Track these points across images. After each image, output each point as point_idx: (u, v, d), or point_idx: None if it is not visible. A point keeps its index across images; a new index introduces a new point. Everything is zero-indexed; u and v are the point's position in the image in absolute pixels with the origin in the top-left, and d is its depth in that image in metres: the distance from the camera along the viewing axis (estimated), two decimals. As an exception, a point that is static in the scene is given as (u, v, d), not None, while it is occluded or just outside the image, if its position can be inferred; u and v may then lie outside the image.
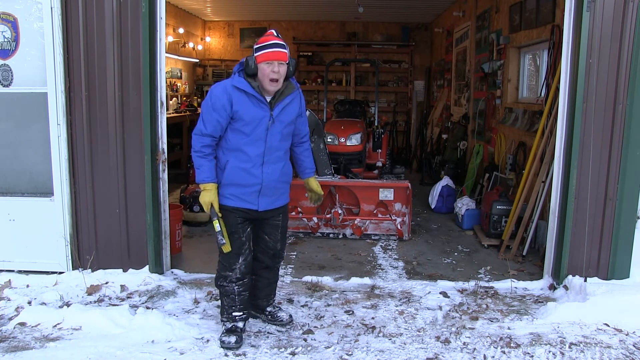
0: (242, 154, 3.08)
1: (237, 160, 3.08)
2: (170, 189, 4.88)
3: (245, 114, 3.01)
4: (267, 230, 3.31)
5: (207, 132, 3.05)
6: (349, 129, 6.64)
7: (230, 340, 3.14)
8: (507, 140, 6.24)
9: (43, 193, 4.20)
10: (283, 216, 3.34)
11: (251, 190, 3.11)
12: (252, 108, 3.02)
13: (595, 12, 3.73)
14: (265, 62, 2.96)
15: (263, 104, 3.04)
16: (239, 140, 3.06)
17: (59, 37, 3.94)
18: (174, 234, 4.67)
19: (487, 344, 3.20)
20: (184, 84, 10.52)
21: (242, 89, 3.01)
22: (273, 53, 2.96)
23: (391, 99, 11.67)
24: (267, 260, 3.37)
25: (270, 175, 3.13)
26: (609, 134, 3.84)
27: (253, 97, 3.02)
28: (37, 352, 3.04)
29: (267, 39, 3.01)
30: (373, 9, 9.28)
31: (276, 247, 3.36)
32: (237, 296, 3.22)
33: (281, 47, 2.99)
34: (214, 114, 3.02)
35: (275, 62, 2.96)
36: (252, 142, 3.06)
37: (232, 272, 3.19)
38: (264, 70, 2.96)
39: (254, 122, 3.03)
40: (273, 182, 3.16)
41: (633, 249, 3.94)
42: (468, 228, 5.77)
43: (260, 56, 2.97)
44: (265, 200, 3.17)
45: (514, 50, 6.33)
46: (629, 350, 3.14)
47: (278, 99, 3.09)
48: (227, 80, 3.10)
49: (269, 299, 3.50)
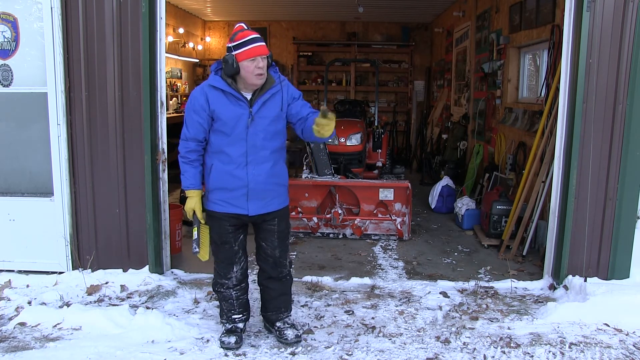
0: (224, 155, 2.97)
1: (220, 163, 2.98)
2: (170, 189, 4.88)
3: (222, 112, 2.92)
4: (262, 236, 3.15)
5: (190, 135, 2.98)
6: (349, 129, 6.64)
7: (230, 340, 3.13)
8: (507, 140, 6.24)
9: (43, 193, 4.20)
10: (279, 221, 3.14)
11: (238, 193, 2.99)
12: (230, 106, 2.93)
13: (595, 12, 3.73)
14: (248, 60, 2.84)
15: (241, 102, 2.94)
16: (221, 142, 2.97)
17: (59, 37, 3.94)
18: (174, 234, 4.67)
19: (487, 344, 3.20)
20: (184, 84, 10.52)
21: (218, 88, 2.93)
22: (254, 49, 2.85)
23: (391, 99, 11.67)
24: (269, 269, 3.20)
25: (256, 176, 2.98)
26: (609, 134, 3.84)
27: (230, 95, 2.93)
28: (37, 352, 3.04)
29: (243, 34, 2.88)
30: (373, 9, 9.28)
31: (275, 254, 3.16)
32: (236, 300, 3.19)
33: (260, 41, 2.89)
34: (195, 116, 2.95)
35: (259, 57, 2.85)
36: (233, 142, 2.95)
37: (229, 280, 3.14)
38: (248, 67, 2.85)
39: (232, 121, 2.92)
40: (260, 184, 3.00)
41: (633, 249, 3.94)
42: (468, 228, 5.78)
43: (241, 54, 2.85)
44: (255, 204, 3.02)
45: (514, 50, 6.33)
46: (629, 350, 3.14)
47: (258, 95, 2.96)
48: (205, 80, 3.03)
49: (279, 313, 3.27)
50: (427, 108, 11.23)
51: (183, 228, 5.11)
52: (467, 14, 8.28)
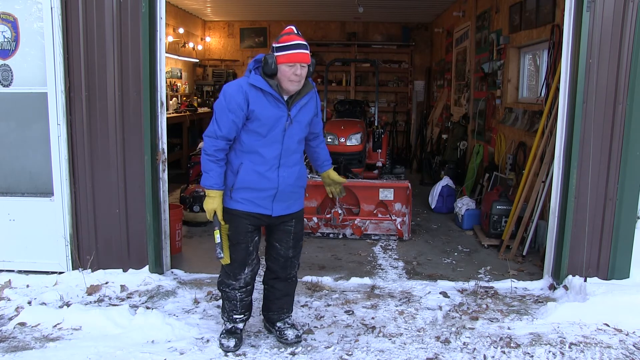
0: (257, 156, 2.91)
1: (252, 163, 2.92)
2: (170, 189, 4.88)
3: (262, 113, 2.84)
4: (278, 237, 3.12)
5: (221, 133, 2.86)
6: (349, 129, 6.63)
7: (229, 344, 3.10)
8: (507, 140, 6.24)
9: (43, 193, 4.20)
10: (296, 222, 3.14)
11: (266, 194, 2.96)
12: (270, 108, 2.86)
13: (595, 12, 3.73)
14: (287, 64, 2.80)
15: (281, 104, 2.89)
16: (255, 142, 2.90)
17: (59, 37, 3.94)
18: (174, 234, 4.67)
19: (487, 344, 3.20)
20: (184, 84, 10.52)
21: (259, 87, 2.84)
22: (296, 55, 2.80)
23: (391, 99, 11.67)
24: (278, 270, 3.17)
25: (286, 179, 2.97)
26: (609, 134, 3.84)
27: (270, 95, 2.86)
28: (37, 352, 3.04)
29: (289, 38, 2.83)
30: (373, 9, 9.28)
31: (287, 254, 3.14)
32: (239, 302, 3.13)
33: (304, 48, 2.82)
34: (230, 115, 2.84)
35: (298, 64, 2.80)
36: (268, 143, 2.90)
37: (237, 282, 3.07)
38: (285, 72, 2.81)
39: (271, 123, 2.87)
40: (289, 187, 3.00)
41: (633, 249, 3.94)
42: (468, 228, 5.78)
43: (282, 57, 2.80)
44: (279, 206, 3.01)
45: (514, 50, 6.33)
46: (629, 350, 3.14)
47: (295, 99, 2.93)
48: (242, 78, 2.92)
49: (281, 313, 3.27)
50: (427, 108, 11.23)
51: (183, 228, 5.11)
52: (467, 14, 8.28)
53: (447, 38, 9.74)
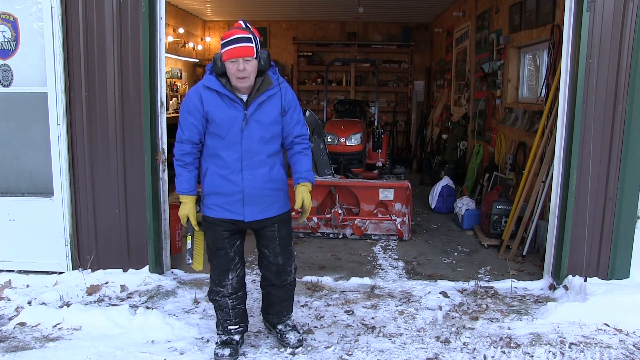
0: (219, 159, 2.85)
1: (216, 167, 2.87)
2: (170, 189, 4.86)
3: (216, 114, 2.79)
4: (264, 243, 3.03)
5: (185, 137, 2.85)
6: (349, 129, 6.64)
7: (223, 352, 2.99)
8: (507, 140, 6.24)
9: (43, 193, 4.21)
10: (280, 226, 3.01)
11: (234, 199, 2.87)
12: (224, 108, 2.80)
13: (595, 12, 3.73)
14: (229, 61, 2.72)
15: (236, 104, 2.81)
16: (216, 145, 2.85)
17: (59, 37, 3.94)
18: (174, 234, 4.67)
19: (487, 344, 3.20)
20: (184, 84, 10.51)
21: (213, 88, 2.80)
22: (235, 49, 2.70)
23: (391, 99, 11.66)
24: (272, 278, 3.09)
25: (251, 182, 2.86)
26: (609, 134, 3.84)
27: (225, 96, 2.80)
28: (37, 352, 3.04)
29: (230, 33, 2.74)
30: (373, 9, 9.27)
31: (277, 262, 3.03)
32: (232, 310, 3.05)
33: (245, 42, 2.71)
34: (189, 117, 2.83)
35: (240, 59, 2.70)
36: (227, 145, 2.82)
37: (224, 288, 3.00)
38: (230, 69, 2.73)
39: (227, 124, 2.80)
40: (257, 190, 2.88)
41: (633, 249, 3.94)
42: (468, 228, 5.78)
43: (224, 54, 2.74)
44: (252, 210, 2.90)
45: (514, 50, 6.33)
46: (629, 350, 3.14)
47: (253, 97, 2.82)
48: (200, 80, 2.90)
49: (281, 317, 3.22)
50: (427, 108, 11.23)
51: (183, 228, 5.11)
52: (467, 14, 8.28)
53: (447, 38, 9.74)
